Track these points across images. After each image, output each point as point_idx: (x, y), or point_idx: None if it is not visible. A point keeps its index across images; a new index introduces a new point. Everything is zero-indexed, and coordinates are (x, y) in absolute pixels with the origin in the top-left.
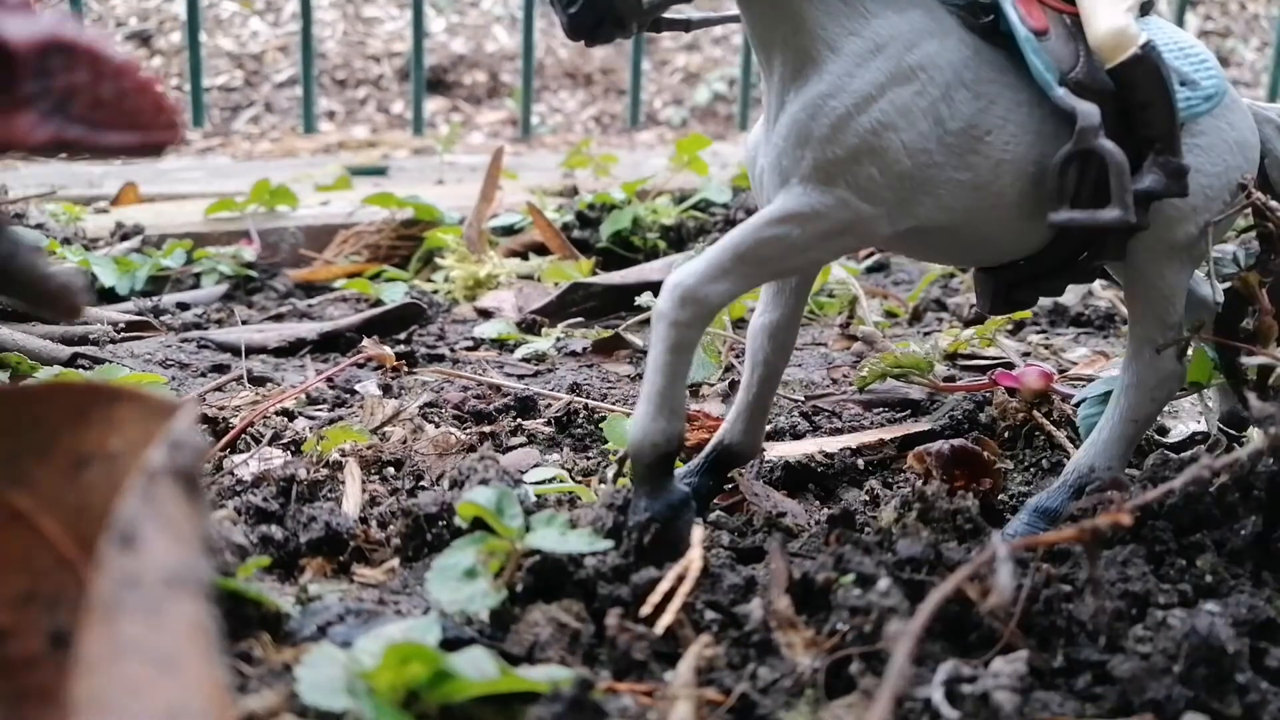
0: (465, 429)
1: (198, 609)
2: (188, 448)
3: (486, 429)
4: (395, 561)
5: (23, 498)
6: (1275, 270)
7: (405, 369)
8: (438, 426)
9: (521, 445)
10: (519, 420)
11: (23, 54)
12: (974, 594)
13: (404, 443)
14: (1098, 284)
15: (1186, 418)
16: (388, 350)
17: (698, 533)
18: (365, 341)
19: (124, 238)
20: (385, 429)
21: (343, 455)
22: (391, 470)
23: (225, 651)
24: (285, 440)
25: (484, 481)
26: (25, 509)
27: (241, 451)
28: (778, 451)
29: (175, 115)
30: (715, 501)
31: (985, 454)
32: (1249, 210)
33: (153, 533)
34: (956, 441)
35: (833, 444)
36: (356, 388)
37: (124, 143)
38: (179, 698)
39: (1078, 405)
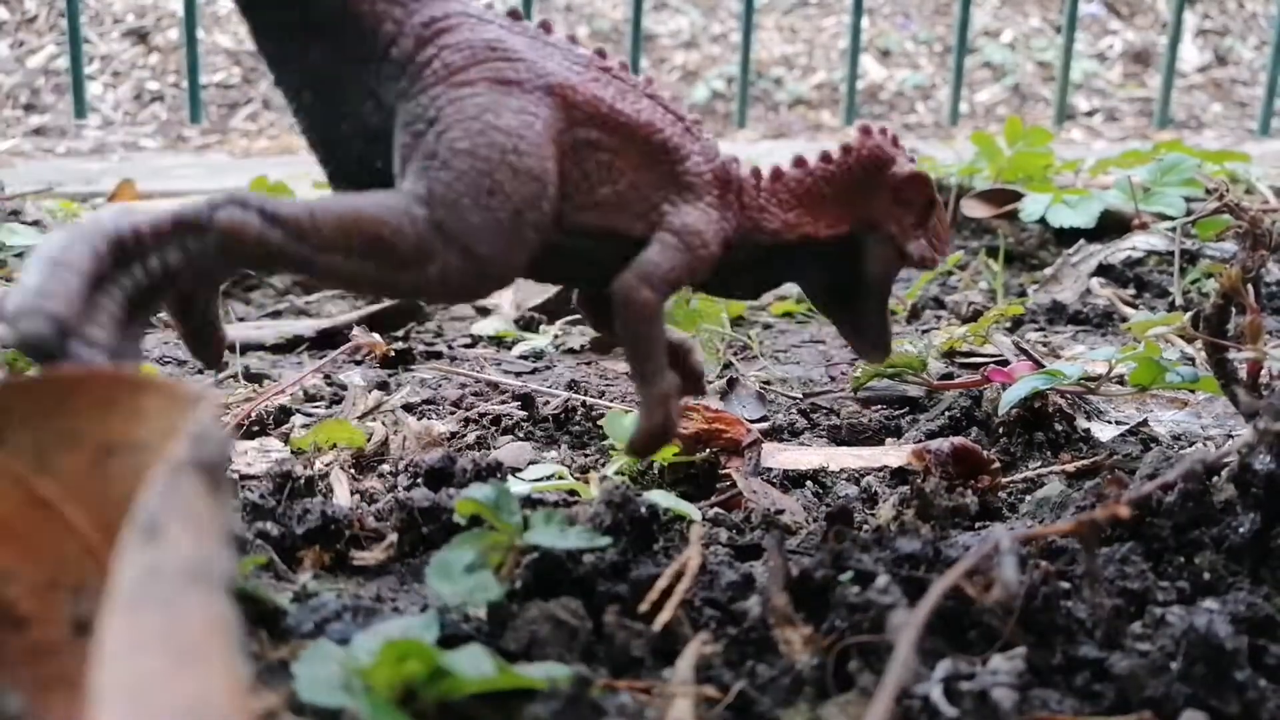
0: (466, 421)
1: (219, 603)
2: (212, 440)
3: (477, 416)
4: (392, 549)
5: (49, 486)
6: (1253, 266)
7: (402, 367)
8: (420, 419)
9: (513, 440)
10: (515, 416)
11: (921, 200)
12: (973, 590)
13: (387, 438)
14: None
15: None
16: (377, 338)
17: (696, 530)
18: (355, 330)
19: None
20: (371, 423)
21: (335, 450)
22: (386, 466)
23: (245, 647)
24: (278, 432)
25: (479, 475)
26: (52, 497)
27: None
28: (780, 461)
29: (949, 236)
30: (713, 499)
31: (984, 451)
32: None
33: (176, 525)
34: (956, 439)
35: (837, 457)
36: (342, 378)
37: (938, 259)
38: (199, 692)
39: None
